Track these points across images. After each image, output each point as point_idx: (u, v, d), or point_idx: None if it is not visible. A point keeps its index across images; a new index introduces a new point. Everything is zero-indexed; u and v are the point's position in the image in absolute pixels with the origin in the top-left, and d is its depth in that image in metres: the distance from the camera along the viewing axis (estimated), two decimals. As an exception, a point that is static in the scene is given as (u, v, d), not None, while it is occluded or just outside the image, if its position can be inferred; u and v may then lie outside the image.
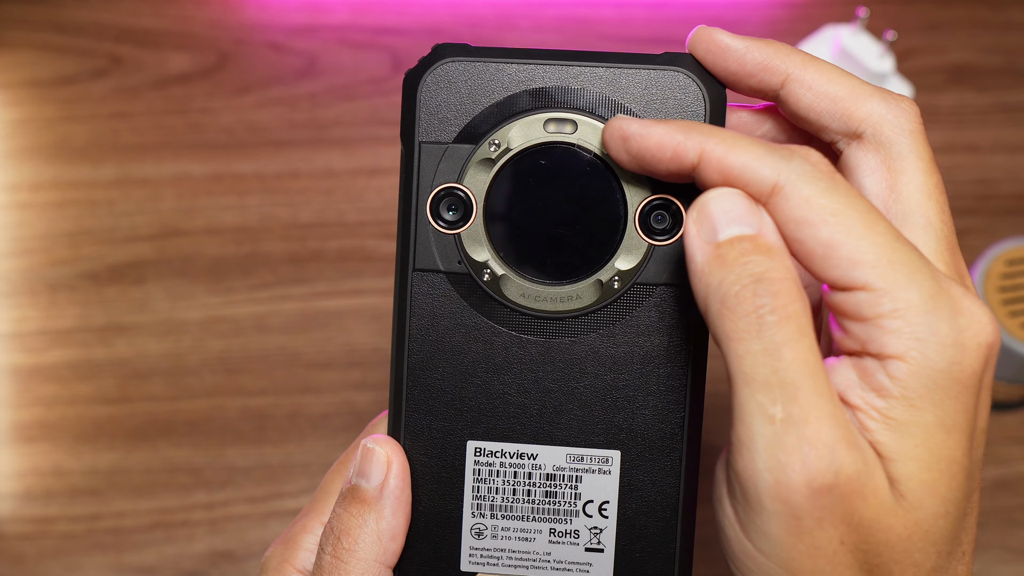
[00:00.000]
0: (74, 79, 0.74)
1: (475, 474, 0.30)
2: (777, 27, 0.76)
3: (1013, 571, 0.60)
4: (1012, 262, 0.61)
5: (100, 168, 0.70)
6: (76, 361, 0.65)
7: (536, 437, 0.30)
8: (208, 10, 0.76)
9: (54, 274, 0.67)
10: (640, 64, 0.30)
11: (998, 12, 0.77)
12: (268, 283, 0.67)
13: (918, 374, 0.24)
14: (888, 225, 0.25)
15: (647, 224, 0.29)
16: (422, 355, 0.30)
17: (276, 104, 0.73)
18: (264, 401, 0.64)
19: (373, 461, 0.29)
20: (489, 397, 0.30)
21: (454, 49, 0.30)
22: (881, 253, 0.24)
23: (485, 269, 0.30)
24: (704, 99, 0.29)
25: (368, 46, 0.75)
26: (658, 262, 0.29)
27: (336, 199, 0.70)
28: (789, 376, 0.24)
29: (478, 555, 0.30)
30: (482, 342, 0.30)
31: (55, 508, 0.61)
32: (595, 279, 0.30)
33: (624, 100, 0.29)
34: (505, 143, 0.29)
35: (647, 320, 0.30)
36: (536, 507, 0.30)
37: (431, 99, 0.30)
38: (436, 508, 0.30)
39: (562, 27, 0.75)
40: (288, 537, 0.31)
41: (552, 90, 0.29)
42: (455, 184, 0.30)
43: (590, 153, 0.29)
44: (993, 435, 0.64)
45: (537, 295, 0.30)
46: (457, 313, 0.30)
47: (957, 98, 0.74)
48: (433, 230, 0.30)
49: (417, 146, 0.30)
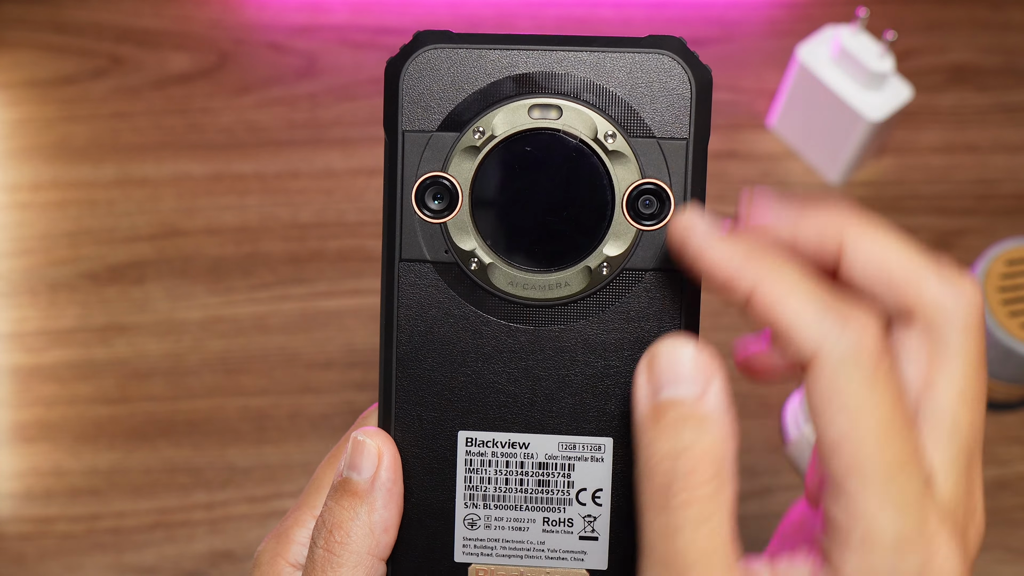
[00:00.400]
0: (74, 79, 0.74)
1: (467, 464, 0.30)
2: (777, 27, 0.76)
3: (1013, 571, 0.60)
4: (1012, 262, 0.61)
5: (100, 168, 0.70)
6: (76, 361, 0.65)
7: (527, 426, 0.30)
8: (208, 10, 0.76)
9: (54, 274, 0.67)
10: (625, 48, 0.29)
11: (998, 12, 0.77)
12: (268, 283, 0.67)
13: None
14: (903, 445, 0.23)
15: (635, 209, 0.29)
16: (410, 346, 0.30)
17: (276, 104, 0.73)
18: (264, 401, 0.64)
19: (364, 453, 0.29)
20: (479, 387, 0.30)
21: (436, 36, 0.29)
22: (880, 474, 0.23)
23: (472, 258, 0.29)
24: (690, 82, 0.29)
25: (368, 46, 0.75)
26: (647, 247, 0.29)
27: (336, 199, 0.70)
28: (680, 560, 0.23)
29: (471, 545, 0.30)
30: (471, 331, 0.30)
31: (55, 508, 0.61)
32: (583, 266, 0.29)
33: (609, 84, 0.29)
34: (490, 130, 0.29)
35: (637, 306, 0.29)
36: (529, 496, 0.30)
37: (413, 87, 0.29)
38: (428, 499, 0.30)
39: (562, 27, 0.76)
40: (280, 531, 0.31)
41: (536, 75, 0.29)
42: (440, 173, 0.29)
43: (576, 139, 0.29)
44: (993, 435, 0.64)
45: (525, 283, 0.29)
46: (445, 303, 0.30)
47: (957, 98, 0.74)
48: (419, 220, 0.29)
49: (400, 135, 0.29)
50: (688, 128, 0.29)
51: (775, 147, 0.72)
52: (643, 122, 0.29)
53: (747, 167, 0.71)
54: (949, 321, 0.25)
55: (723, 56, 0.75)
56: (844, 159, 0.69)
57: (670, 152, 0.29)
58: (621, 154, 0.29)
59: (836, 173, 0.70)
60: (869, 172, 0.71)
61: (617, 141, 0.29)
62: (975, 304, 0.25)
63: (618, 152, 0.29)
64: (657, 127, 0.29)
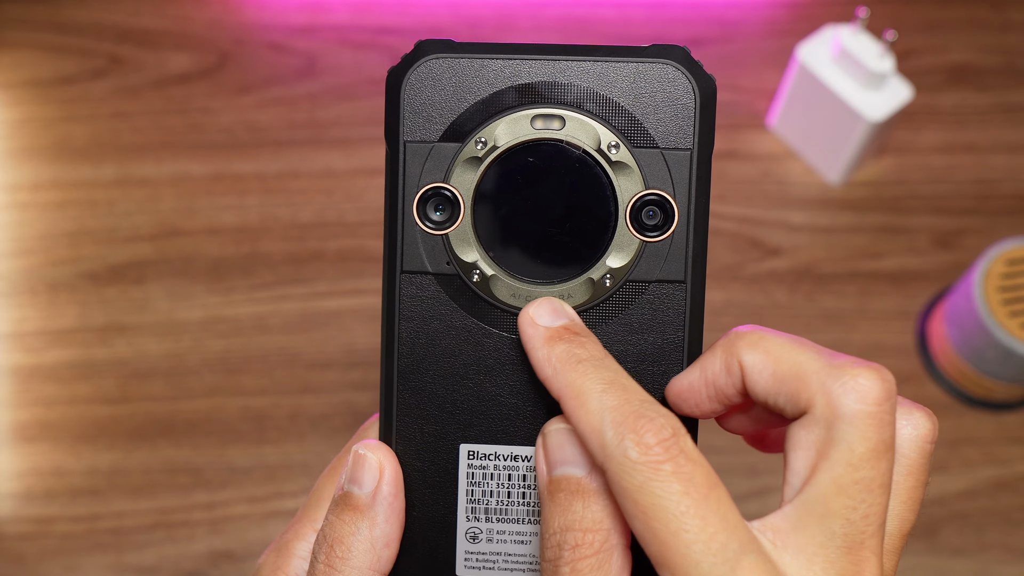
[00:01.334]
0: (74, 79, 0.74)
1: (469, 478, 0.30)
2: (777, 27, 0.76)
3: (1013, 571, 0.60)
4: (1012, 262, 0.61)
5: (100, 168, 0.70)
6: (76, 361, 0.65)
7: (530, 439, 0.29)
8: (208, 10, 0.76)
9: (54, 274, 0.67)
10: (628, 57, 0.29)
11: (998, 12, 0.77)
12: (268, 283, 0.67)
13: None
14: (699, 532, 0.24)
15: (638, 220, 0.29)
16: (412, 358, 0.29)
17: (276, 104, 0.73)
18: (264, 401, 0.64)
19: (365, 467, 0.29)
20: (481, 399, 0.29)
21: (438, 45, 0.29)
22: (685, 567, 0.24)
23: (474, 270, 0.29)
24: (694, 91, 0.29)
25: (368, 46, 0.75)
26: (650, 259, 0.29)
27: (336, 199, 0.70)
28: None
29: (473, 559, 0.30)
30: (473, 344, 0.29)
31: (55, 508, 0.61)
32: (586, 277, 0.29)
33: (612, 94, 0.29)
34: (492, 141, 0.29)
35: (640, 318, 0.29)
36: (531, 510, 0.30)
37: (415, 97, 0.29)
38: (430, 513, 0.30)
39: (562, 27, 0.75)
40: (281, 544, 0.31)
41: (538, 85, 0.29)
42: (442, 184, 0.29)
43: (579, 149, 0.29)
44: (993, 435, 0.64)
45: (528, 295, 0.29)
46: (447, 315, 0.29)
47: (957, 98, 0.74)
48: (420, 231, 0.29)
49: (402, 146, 0.29)
50: (692, 139, 0.29)
51: (775, 147, 0.72)
52: (647, 132, 0.29)
53: (747, 167, 0.71)
54: (835, 414, 0.25)
55: (723, 56, 0.75)
56: (844, 159, 0.69)
57: (674, 163, 0.29)
58: (624, 165, 0.29)
59: (836, 173, 0.70)
60: (869, 172, 0.71)
61: (620, 152, 0.29)
62: (866, 395, 0.25)
63: (621, 163, 0.29)
64: (661, 137, 0.29)
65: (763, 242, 0.69)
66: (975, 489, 0.62)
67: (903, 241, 0.69)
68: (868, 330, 0.66)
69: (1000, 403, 0.64)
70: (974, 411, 0.64)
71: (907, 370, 0.65)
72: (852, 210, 0.70)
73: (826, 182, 0.71)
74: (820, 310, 0.67)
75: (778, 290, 0.68)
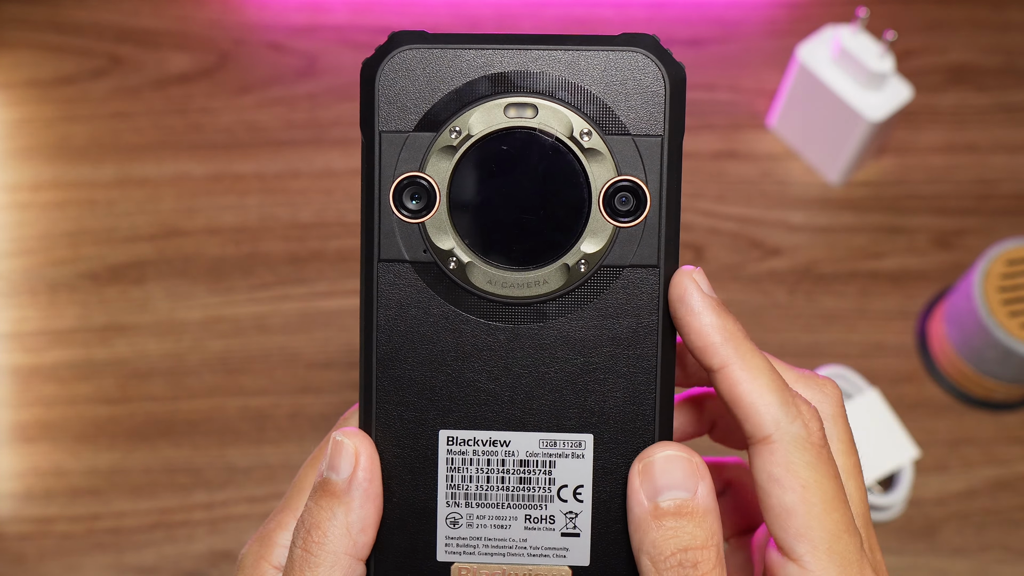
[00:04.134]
0: (74, 79, 0.74)
1: (448, 463, 0.30)
2: (777, 27, 0.76)
3: (1013, 571, 0.60)
4: (1012, 262, 0.61)
5: (100, 168, 0.70)
6: (76, 361, 0.65)
7: (508, 424, 0.30)
8: (208, 10, 0.76)
9: (54, 274, 0.67)
10: (599, 46, 0.29)
11: (998, 12, 0.77)
12: (268, 283, 0.67)
13: None
14: (844, 513, 0.27)
15: (612, 206, 0.29)
16: (390, 346, 0.30)
17: (276, 104, 0.73)
18: (264, 401, 0.64)
19: (342, 454, 0.29)
20: (459, 385, 0.30)
21: (411, 36, 0.29)
22: (826, 538, 0.27)
23: (451, 257, 0.30)
24: (664, 78, 0.29)
25: (368, 46, 0.75)
26: (624, 244, 0.29)
27: (336, 199, 0.70)
28: None
29: (454, 544, 0.30)
30: (451, 330, 0.30)
31: (55, 508, 0.61)
32: (561, 263, 0.29)
33: (584, 82, 0.29)
34: (466, 130, 0.29)
35: (615, 302, 0.30)
36: (511, 494, 0.30)
37: (389, 88, 0.29)
38: (410, 499, 0.30)
39: (562, 27, 0.76)
40: (263, 534, 0.31)
41: (511, 75, 0.29)
42: (417, 173, 0.29)
43: (552, 137, 0.29)
44: (993, 435, 0.64)
45: (504, 281, 0.30)
46: (424, 302, 0.30)
47: (957, 98, 0.74)
48: (397, 220, 0.30)
49: (377, 136, 0.29)
50: (663, 125, 0.29)
51: (775, 147, 0.72)
52: (618, 120, 0.29)
53: (747, 167, 0.71)
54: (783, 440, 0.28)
55: (723, 56, 0.75)
56: (844, 159, 0.69)
57: (645, 149, 0.29)
58: (597, 152, 0.29)
59: (836, 173, 0.70)
60: (869, 172, 0.71)
61: (593, 139, 0.29)
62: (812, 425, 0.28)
63: (594, 150, 0.29)
64: (632, 124, 0.29)
65: (763, 242, 0.69)
66: (975, 489, 0.62)
67: (903, 241, 0.69)
68: (868, 330, 0.67)
69: (1000, 403, 0.64)
70: (974, 411, 0.65)
71: (907, 370, 0.66)
72: (852, 210, 0.70)
73: (826, 182, 0.71)
74: (820, 310, 0.67)
75: (778, 290, 0.68)
